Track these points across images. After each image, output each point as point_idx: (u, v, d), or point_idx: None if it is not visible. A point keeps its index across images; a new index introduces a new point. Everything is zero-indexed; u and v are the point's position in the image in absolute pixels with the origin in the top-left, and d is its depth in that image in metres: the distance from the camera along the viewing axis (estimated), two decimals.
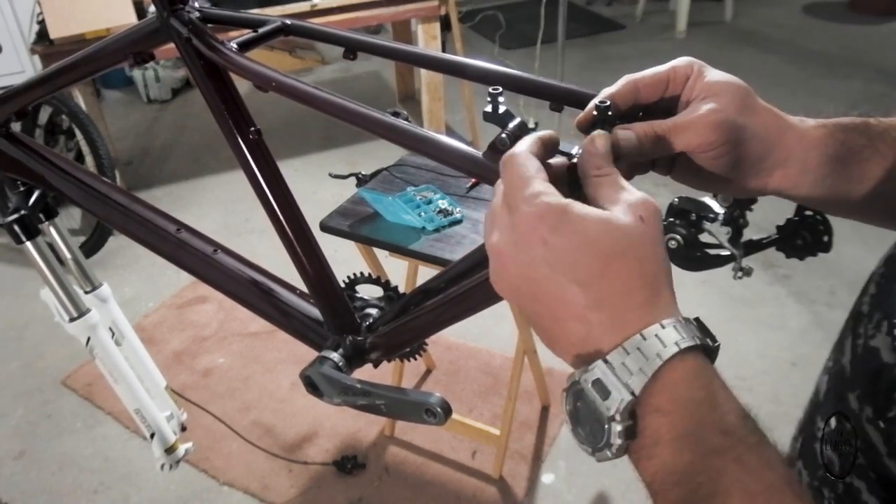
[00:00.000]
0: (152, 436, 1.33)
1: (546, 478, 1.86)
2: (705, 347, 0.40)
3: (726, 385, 0.39)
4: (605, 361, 0.38)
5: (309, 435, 2.01)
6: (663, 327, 0.38)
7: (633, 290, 0.39)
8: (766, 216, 1.17)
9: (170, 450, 1.34)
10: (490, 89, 0.56)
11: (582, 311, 0.39)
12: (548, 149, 0.46)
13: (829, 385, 0.58)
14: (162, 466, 1.34)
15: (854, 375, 0.53)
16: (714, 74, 0.53)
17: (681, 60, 0.54)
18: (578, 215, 0.39)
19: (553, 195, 0.41)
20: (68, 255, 1.26)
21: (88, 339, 1.23)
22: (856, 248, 2.63)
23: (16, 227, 1.13)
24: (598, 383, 0.38)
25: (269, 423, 2.06)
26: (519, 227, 0.41)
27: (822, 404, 0.59)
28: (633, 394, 0.37)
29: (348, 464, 1.88)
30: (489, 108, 0.55)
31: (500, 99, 0.55)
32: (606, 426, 0.38)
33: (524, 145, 0.45)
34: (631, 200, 0.41)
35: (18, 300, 2.64)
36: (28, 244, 1.16)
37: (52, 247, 1.26)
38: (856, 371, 0.53)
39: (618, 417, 0.37)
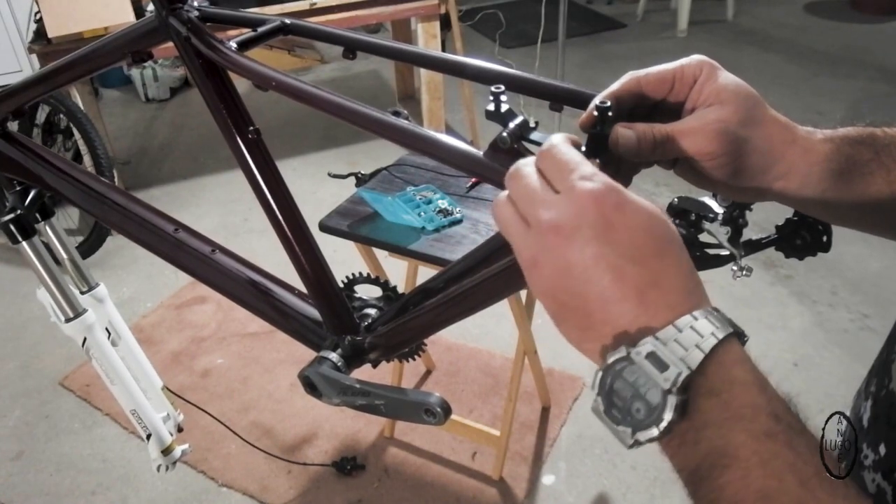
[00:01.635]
0: (148, 437, 1.32)
1: (546, 479, 1.85)
2: (741, 335, 0.40)
3: (766, 372, 0.39)
4: (657, 338, 0.38)
5: (308, 436, 2.00)
6: (711, 312, 0.39)
7: (686, 275, 0.40)
8: (767, 216, 1.16)
9: (166, 451, 1.33)
10: (492, 88, 0.56)
11: (640, 289, 0.39)
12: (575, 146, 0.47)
13: (875, 411, 0.56)
14: (158, 468, 1.34)
15: None
16: (724, 79, 0.52)
17: (692, 59, 0.53)
18: (635, 199, 0.40)
19: (605, 176, 0.41)
20: (64, 255, 1.25)
21: (84, 339, 1.22)
22: (857, 248, 2.63)
23: (12, 227, 1.13)
24: (652, 356, 0.38)
25: (268, 423, 2.06)
26: (577, 204, 0.40)
27: (867, 432, 0.57)
28: (690, 368, 0.37)
29: (348, 465, 1.87)
30: (491, 107, 0.54)
31: (503, 98, 0.54)
32: (660, 400, 0.37)
33: (560, 137, 0.45)
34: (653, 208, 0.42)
35: (16, 300, 2.63)
36: (24, 244, 1.16)
37: (49, 246, 1.25)
38: None
39: (674, 390, 0.37)
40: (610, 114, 0.49)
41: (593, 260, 0.39)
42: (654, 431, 0.38)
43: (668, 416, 0.37)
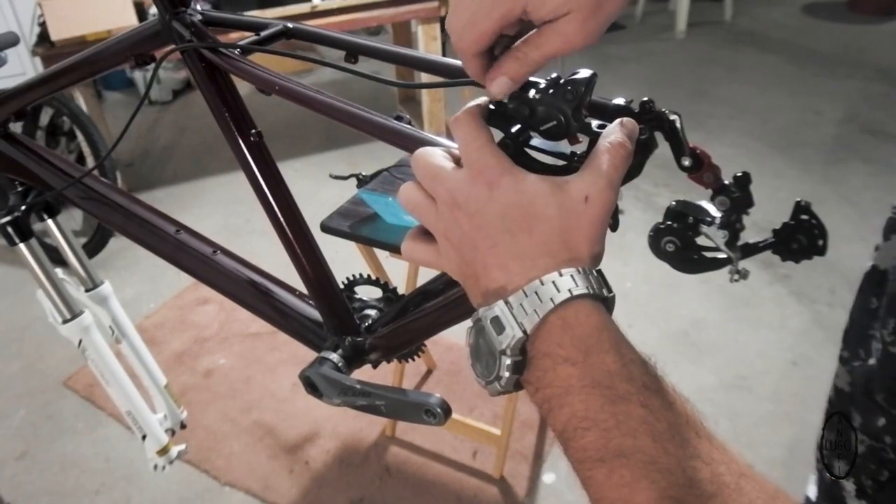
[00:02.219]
0: (144, 437, 1.33)
1: (547, 477, 1.86)
2: (601, 298, 0.42)
3: (624, 335, 0.42)
4: (506, 302, 0.42)
5: (310, 435, 2.01)
6: (561, 275, 0.41)
7: (552, 251, 0.42)
8: (765, 215, 1.17)
9: (162, 451, 1.35)
10: None
11: (506, 259, 0.43)
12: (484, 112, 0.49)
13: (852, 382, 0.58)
14: (155, 467, 1.35)
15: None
16: None
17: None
18: (526, 175, 0.44)
19: (506, 157, 0.45)
20: (70, 253, 1.26)
21: (80, 340, 1.23)
22: (855, 248, 2.63)
23: (9, 229, 1.14)
24: (496, 320, 0.42)
25: (270, 423, 2.07)
26: (467, 179, 0.45)
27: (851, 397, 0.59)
28: (524, 332, 0.41)
29: None
30: (492, 107, 0.54)
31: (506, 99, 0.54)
32: (497, 360, 0.42)
33: (475, 108, 0.48)
34: (588, 179, 0.44)
35: (20, 301, 2.64)
36: (21, 246, 1.16)
37: (53, 245, 1.26)
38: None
39: (508, 352, 0.41)
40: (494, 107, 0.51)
41: (477, 230, 0.44)
42: (497, 387, 0.43)
43: (504, 374, 0.42)
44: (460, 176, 0.45)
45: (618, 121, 0.49)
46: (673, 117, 0.56)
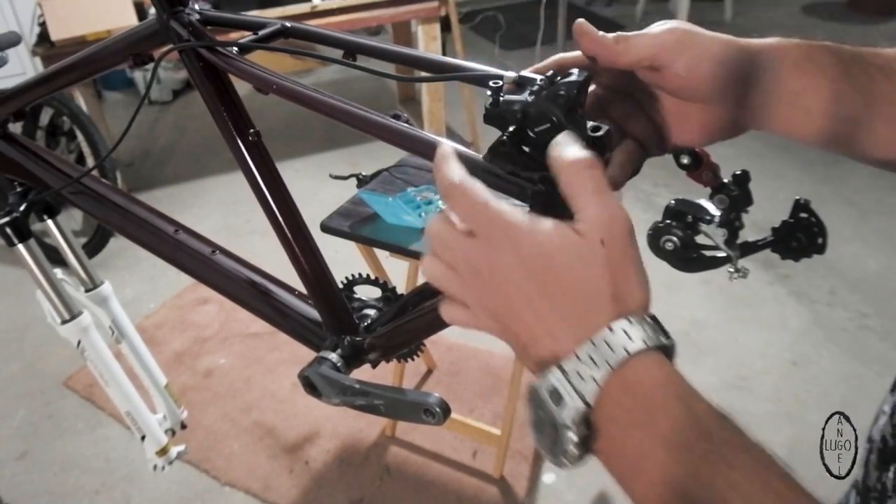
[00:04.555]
0: (143, 438, 1.33)
1: (547, 477, 1.86)
2: (663, 347, 0.39)
3: (691, 385, 0.38)
4: (561, 368, 0.38)
5: (310, 435, 2.01)
6: (612, 331, 0.38)
7: (596, 305, 0.39)
8: (765, 216, 1.17)
9: (162, 451, 1.35)
10: (490, 83, 0.56)
11: (552, 324, 0.39)
12: (464, 161, 0.46)
13: None
14: (154, 467, 1.35)
15: None
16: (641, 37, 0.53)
17: (666, 34, 0.54)
18: (532, 227, 0.40)
19: (510, 212, 0.41)
20: (69, 253, 1.26)
21: (79, 341, 1.23)
22: (855, 248, 2.63)
23: (8, 230, 1.14)
24: (553, 392, 0.38)
25: (270, 423, 2.07)
26: (489, 245, 0.41)
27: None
28: (586, 403, 0.37)
29: None
30: (490, 104, 0.54)
31: (502, 94, 0.54)
32: (561, 434, 0.38)
33: (455, 166, 0.45)
34: (594, 219, 0.40)
35: (20, 301, 2.64)
36: (20, 246, 1.16)
37: (53, 245, 1.26)
38: None
39: (571, 426, 0.37)
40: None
41: (509, 300, 0.41)
42: (565, 461, 0.39)
43: (571, 449, 0.38)
44: (475, 245, 0.42)
45: (556, 140, 0.44)
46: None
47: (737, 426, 0.37)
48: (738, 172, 0.67)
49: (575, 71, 0.52)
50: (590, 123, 0.51)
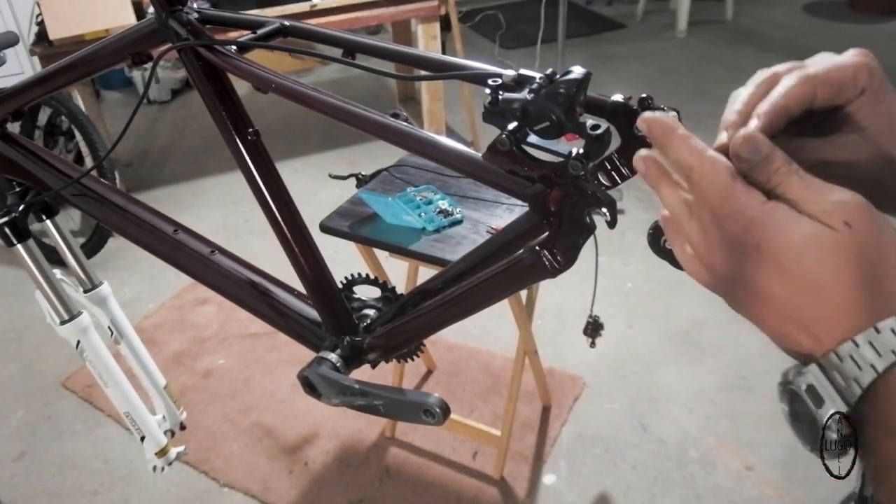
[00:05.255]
0: (142, 439, 1.33)
1: (547, 478, 1.85)
2: None
3: None
4: (821, 367, 0.37)
5: (310, 436, 2.01)
6: (878, 332, 0.35)
7: (855, 303, 0.36)
8: None
9: (161, 452, 1.34)
10: (489, 81, 0.55)
11: (806, 322, 0.38)
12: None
13: None
14: (154, 468, 1.35)
15: None
16: (890, 101, 0.45)
17: (860, 62, 0.44)
18: (782, 229, 0.37)
19: (755, 205, 0.39)
20: (68, 253, 1.26)
21: (78, 342, 1.23)
22: None
23: (6, 230, 1.13)
24: (811, 389, 0.37)
25: (269, 424, 2.06)
26: (731, 242, 0.40)
27: None
28: (848, 404, 0.36)
29: None
30: (489, 102, 0.54)
31: (501, 93, 0.54)
32: (822, 433, 0.37)
33: (694, 145, 0.42)
34: (832, 203, 0.37)
35: (19, 302, 2.64)
36: (19, 247, 1.16)
37: (52, 246, 1.26)
38: None
39: (832, 426, 0.37)
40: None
41: (757, 297, 0.40)
42: (826, 456, 0.38)
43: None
44: (717, 235, 0.40)
45: (738, 139, 0.41)
46: (672, 113, 0.56)
47: None
48: None
49: (575, 69, 0.52)
50: (589, 122, 0.51)
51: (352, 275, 0.94)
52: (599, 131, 0.50)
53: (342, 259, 1.40)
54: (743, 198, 0.39)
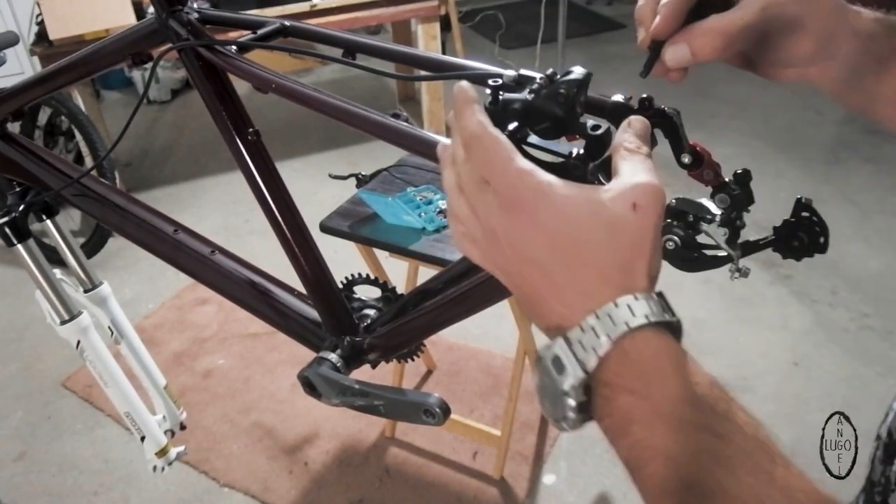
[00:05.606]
0: (143, 439, 1.33)
1: (547, 478, 1.85)
2: (668, 324, 0.40)
3: (690, 357, 0.40)
4: (566, 338, 0.40)
5: (309, 436, 2.01)
6: (617, 306, 0.39)
7: (609, 277, 0.40)
8: (767, 215, 1.16)
9: (161, 452, 1.34)
10: (490, 81, 0.55)
11: (562, 291, 0.40)
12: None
13: None
14: (154, 468, 1.35)
15: None
16: None
17: None
18: (563, 196, 0.40)
19: (537, 173, 0.41)
20: (68, 253, 1.26)
21: (78, 342, 1.23)
22: (857, 247, 2.63)
23: (6, 230, 1.13)
24: (556, 360, 0.40)
25: (269, 424, 2.06)
26: (508, 206, 0.41)
27: None
28: (585, 371, 0.39)
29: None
30: (490, 102, 0.54)
31: (501, 93, 0.54)
32: (561, 400, 0.40)
33: (478, 113, 0.44)
34: (630, 185, 0.40)
35: (19, 302, 2.64)
36: (19, 247, 1.16)
37: (52, 246, 1.26)
38: None
39: (571, 392, 0.39)
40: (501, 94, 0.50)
41: (523, 262, 0.41)
42: (565, 426, 0.41)
43: (570, 414, 0.40)
44: (492, 203, 0.42)
45: (625, 123, 0.46)
46: (672, 113, 0.56)
47: (726, 397, 0.39)
48: (740, 172, 0.66)
49: (575, 69, 0.52)
50: (589, 122, 0.51)
51: (352, 275, 0.94)
52: (600, 131, 0.50)
53: (342, 259, 1.40)
54: (523, 167, 0.41)
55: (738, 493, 0.35)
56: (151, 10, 0.87)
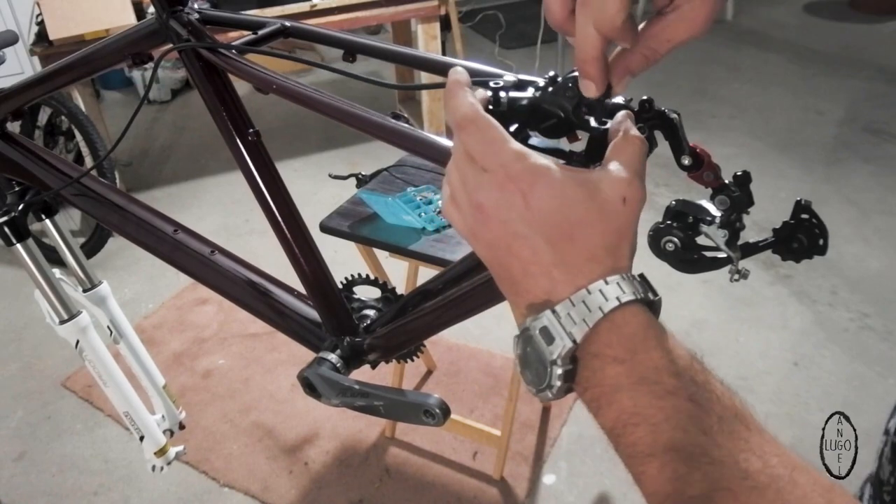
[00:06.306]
0: (142, 439, 1.33)
1: (547, 478, 1.85)
2: (647, 301, 0.43)
3: (671, 333, 0.42)
4: (553, 311, 0.41)
5: (309, 436, 2.01)
6: (607, 283, 0.41)
7: (596, 256, 0.42)
8: (767, 216, 1.16)
9: (160, 452, 1.34)
10: (491, 83, 0.55)
11: (549, 267, 0.42)
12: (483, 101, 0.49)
13: None
14: (153, 468, 1.35)
15: None
16: None
17: None
18: (559, 177, 0.42)
19: (534, 155, 0.43)
20: (67, 253, 1.26)
21: (78, 341, 1.23)
22: (857, 248, 2.63)
23: (6, 230, 1.13)
24: (544, 330, 0.42)
25: (269, 424, 2.06)
26: (499, 184, 0.43)
27: None
28: (574, 341, 0.41)
29: None
30: (491, 105, 0.54)
31: (502, 94, 0.54)
32: (549, 369, 0.42)
33: (469, 97, 0.46)
34: (626, 179, 0.43)
35: (18, 302, 2.64)
36: (18, 246, 1.16)
37: (51, 245, 1.26)
38: None
39: (559, 362, 0.41)
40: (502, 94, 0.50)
41: (513, 237, 0.43)
42: (549, 395, 0.43)
43: (556, 383, 0.42)
44: (482, 179, 0.44)
45: (623, 112, 0.48)
46: (672, 116, 0.56)
47: (704, 367, 0.42)
48: (739, 173, 0.66)
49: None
50: (593, 122, 0.51)
51: (352, 275, 0.94)
52: (607, 125, 0.50)
53: (342, 259, 1.40)
54: (519, 149, 0.43)
55: (719, 457, 0.37)
56: (152, 10, 0.87)
